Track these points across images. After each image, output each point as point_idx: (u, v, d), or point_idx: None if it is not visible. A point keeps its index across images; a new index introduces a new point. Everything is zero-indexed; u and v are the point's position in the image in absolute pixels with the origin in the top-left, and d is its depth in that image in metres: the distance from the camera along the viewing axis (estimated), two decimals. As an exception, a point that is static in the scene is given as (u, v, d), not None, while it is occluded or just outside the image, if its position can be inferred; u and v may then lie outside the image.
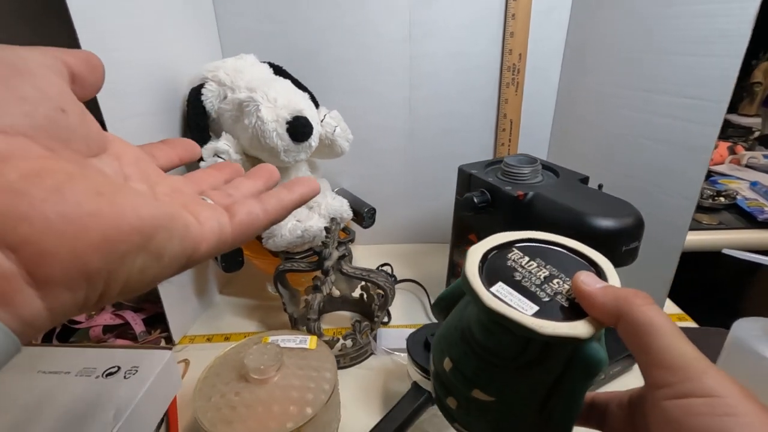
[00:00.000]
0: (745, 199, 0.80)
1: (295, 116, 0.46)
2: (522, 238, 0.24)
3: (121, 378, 0.34)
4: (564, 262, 0.22)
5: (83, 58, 0.18)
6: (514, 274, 0.21)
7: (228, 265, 0.51)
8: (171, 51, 0.51)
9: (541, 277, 0.21)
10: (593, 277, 0.20)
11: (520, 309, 0.19)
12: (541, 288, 0.21)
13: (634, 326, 0.18)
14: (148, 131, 0.47)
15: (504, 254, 0.23)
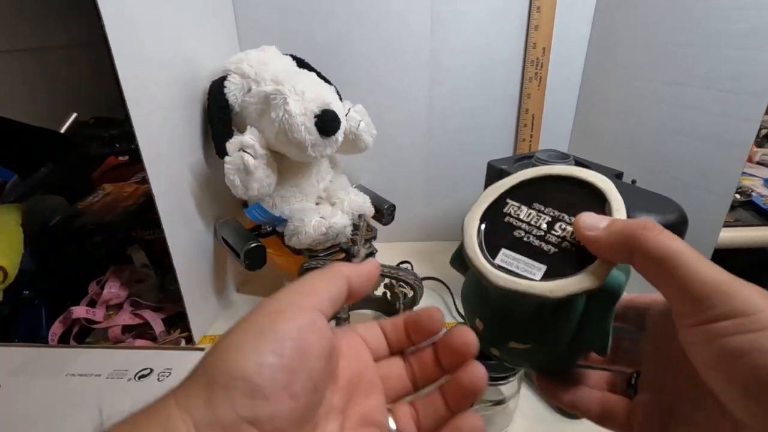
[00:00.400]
0: (760, 197, 0.80)
1: (323, 110, 0.45)
2: (513, 185, 0.22)
3: (155, 380, 0.33)
4: (563, 196, 0.21)
5: (366, 273, 0.21)
6: (514, 232, 0.21)
7: (252, 262, 0.49)
8: (191, 44, 0.49)
9: (542, 226, 0.20)
10: (594, 217, 0.19)
11: (528, 275, 0.19)
12: (545, 240, 0.20)
13: (651, 259, 0.17)
14: (172, 126, 0.45)
15: (499, 211, 0.21)
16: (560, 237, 0.20)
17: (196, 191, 0.50)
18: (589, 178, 0.21)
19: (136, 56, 0.40)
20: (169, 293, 0.54)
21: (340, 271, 0.21)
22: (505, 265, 0.20)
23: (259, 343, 0.16)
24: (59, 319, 0.49)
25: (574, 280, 0.18)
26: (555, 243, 0.20)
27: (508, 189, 0.22)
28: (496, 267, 0.20)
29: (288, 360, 0.16)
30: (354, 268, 0.21)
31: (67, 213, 0.63)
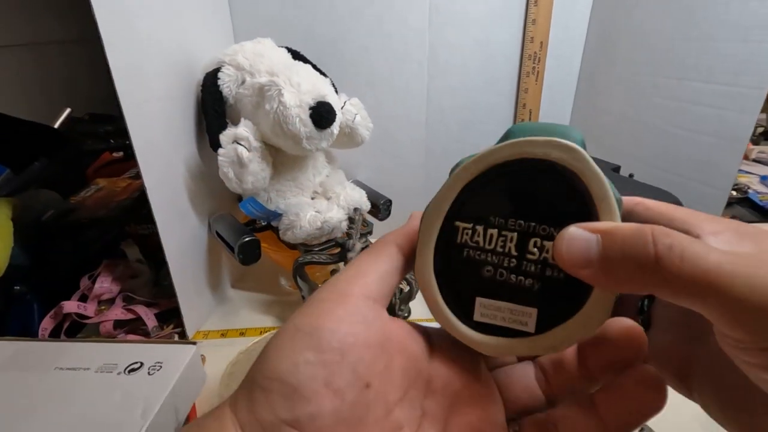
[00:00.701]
0: (757, 193, 0.80)
1: (319, 101, 0.44)
2: (453, 200, 0.16)
3: (145, 374, 0.32)
4: (523, 193, 0.15)
5: (414, 229, 0.19)
6: (482, 271, 0.16)
7: (246, 257, 0.49)
8: (186, 35, 0.49)
9: (512, 251, 0.15)
10: (578, 243, 0.14)
11: (519, 327, 0.15)
12: (522, 271, 0.15)
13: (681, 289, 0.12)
14: (165, 118, 0.45)
15: (452, 244, 0.16)
16: (539, 262, 0.15)
17: (190, 185, 0.50)
18: (550, 155, 0.15)
19: (129, 45, 0.39)
20: (163, 288, 0.54)
21: (386, 241, 0.18)
22: (487, 320, 0.16)
23: (295, 340, 0.16)
24: (50, 314, 0.49)
25: (576, 324, 0.15)
26: (536, 274, 0.15)
27: (452, 206, 0.16)
28: (478, 327, 0.16)
29: (327, 354, 0.15)
30: (401, 231, 0.19)
31: (60, 208, 0.63)
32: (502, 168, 0.16)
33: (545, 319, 0.15)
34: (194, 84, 0.50)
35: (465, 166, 0.16)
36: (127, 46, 0.39)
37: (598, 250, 0.13)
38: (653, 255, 0.12)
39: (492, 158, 0.16)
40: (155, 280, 0.55)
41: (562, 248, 0.14)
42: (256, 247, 0.50)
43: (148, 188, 0.42)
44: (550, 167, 0.15)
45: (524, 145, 0.15)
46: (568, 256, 0.14)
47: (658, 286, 0.13)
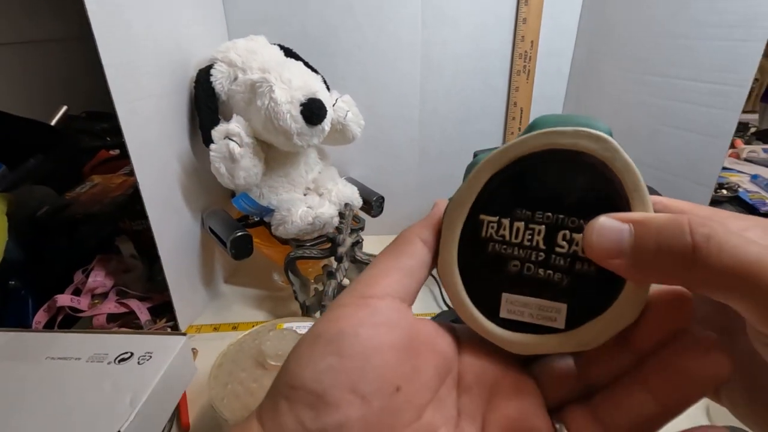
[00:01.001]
0: (747, 192, 0.81)
1: (309, 98, 0.45)
2: (478, 193, 0.16)
3: (135, 364, 0.33)
4: (552, 185, 0.15)
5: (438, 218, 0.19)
6: (509, 265, 0.15)
7: (238, 252, 0.49)
8: (179, 32, 0.49)
9: (540, 244, 0.15)
10: (609, 233, 0.13)
11: (548, 323, 0.15)
12: (550, 265, 0.15)
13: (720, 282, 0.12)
14: (159, 114, 0.45)
15: (477, 238, 0.16)
16: (569, 255, 0.15)
17: (184, 181, 0.50)
18: (579, 145, 0.14)
19: (122, 44, 0.40)
20: (157, 283, 0.54)
21: (409, 235, 0.17)
22: (514, 317, 0.15)
23: (317, 347, 0.15)
24: (44, 308, 0.49)
25: (608, 319, 0.14)
26: (565, 268, 0.15)
27: (476, 199, 0.16)
28: (505, 324, 0.16)
29: (350, 360, 0.14)
30: (425, 222, 0.18)
31: (55, 203, 0.63)
32: (528, 159, 0.15)
33: (575, 315, 0.15)
34: (188, 81, 0.50)
35: (489, 159, 0.16)
36: (120, 44, 0.39)
37: (630, 240, 0.13)
38: (690, 245, 0.12)
39: (519, 150, 0.15)
40: (149, 275, 0.56)
41: (593, 238, 0.13)
42: (248, 242, 0.50)
43: (140, 184, 0.43)
44: (579, 157, 0.14)
45: (551, 135, 0.15)
46: (599, 246, 0.13)
47: (693, 277, 0.12)
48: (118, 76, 0.39)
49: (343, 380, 0.14)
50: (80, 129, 0.86)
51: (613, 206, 0.14)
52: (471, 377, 0.17)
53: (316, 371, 0.15)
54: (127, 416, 0.28)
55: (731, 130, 0.42)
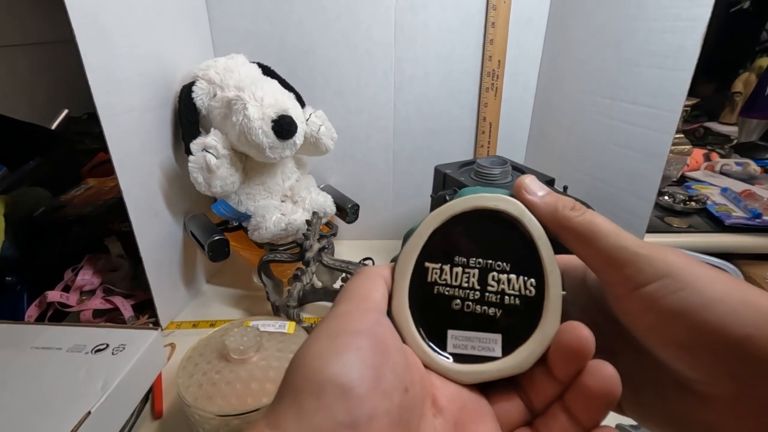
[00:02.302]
0: (714, 204, 0.84)
1: (280, 115, 0.49)
2: (423, 245, 0.19)
3: (109, 354, 0.37)
4: (479, 237, 0.19)
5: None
6: (451, 304, 0.19)
7: (215, 254, 0.53)
8: (165, 48, 0.53)
9: (475, 285, 0.19)
10: (535, 182, 0.20)
11: (488, 353, 0.18)
12: (485, 302, 0.18)
13: (577, 235, 0.18)
14: (143, 126, 0.49)
15: (424, 282, 0.19)
16: (499, 293, 0.18)
17: (166, 187, 0.54)
18: (497, 206, 0.19)
19: (107, 57, 0.43)
20: (141, 282, 0.58)
21: (374, 272, 0.20)
22: (459, 350, 0.18)
23: (337, 343, 0.15)
24: (35, 303, 0.53)
25: (534, 342, 0.18)
26: (497, 302, 0.18)
27: (422, 250, 0.19)
28: (453, 357, 0.18)
29: (370, 356, 0.15)
30: (385, 267, 0.20)
31: (50, 205, 0.67)
32: (460, 217, 0.19)
33: (509, 342, 0.18)
34: (172, 94, 0.55)
35: (430, 218, 0.20)
36: (105, 62, 0.43)
37: (542, 192, 0.20)
38: (565, 212, 0.19)
39: (453, 210, 0.19)
40: (134, 274, 0.60)
41: (525, 179, 0.20)
42: (225, 245, 0.54)
43: (123, 190, 0.47)
44: (498, 215, 0.19)
45: (478, 199, 0.19)
46: (526, 184, 0.20)
47: (563, 229, 0.19)
48: (103, 92, 0.43)
49: (368, 375, 0.15)
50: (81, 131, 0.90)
51: (525, 250, 0.19)
52: (444, 400, 0.18)
53: (343, 365, 0.15)
54: (97, 399, 0.32)
55: (665, 151, 0.45)
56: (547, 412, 0.18)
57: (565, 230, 0.18)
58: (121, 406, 0.35)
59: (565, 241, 0.19)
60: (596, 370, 0.17)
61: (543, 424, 0.18)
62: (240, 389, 0.38)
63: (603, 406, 0.17)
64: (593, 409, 0.17)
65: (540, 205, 0.19)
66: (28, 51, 0.83)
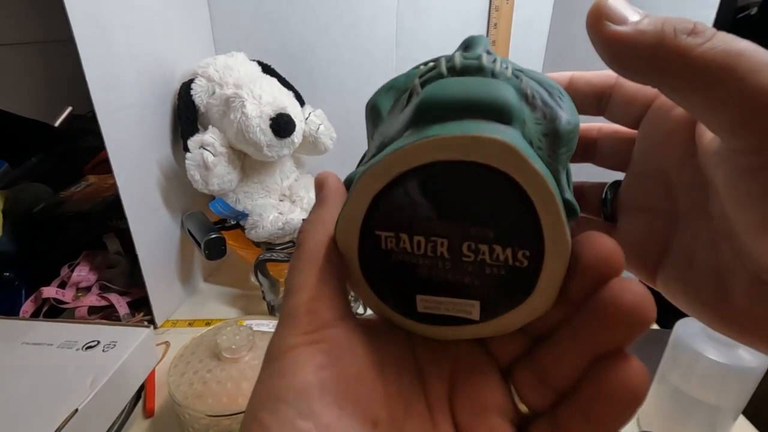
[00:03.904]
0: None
1: (278, 113, 0.49)
2: (365, 211, 0.14)
3: (100, 351, 0.36)
4: (447, 198, 0.13)
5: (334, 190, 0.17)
6: (416, 271, 0.15)
7: (211, 253, 0.53)
8: (165, 46, 0.53)
9: (444, 254, 0.14)
10: (620, 3, 0.13)
11: (464, 315, 0.15)
12: (460, 271, 0.14)
13: (701, 72, 0.11)
14: (141, 123, 0.49)
15: (377, 251, 0.15)
16: (477, 263, 0.14)
17: (163, 185, 0.54)
18: (472, 157, 0.12)
19: (105, 55, 0.44)
20: (138, 279, 0.58)
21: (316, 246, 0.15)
22: (430, 311, 0.15)
23: (280, 413, 0.13)
24: (30, 299, 0.53)
25: (522, 311, 0.14)
26: (474, 272, 0.14)
27: (366, 215, 0.14)
28: (423, 318, 0.16)
29: (323, 414, 0.13)
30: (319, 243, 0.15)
31: (50, 201, 0.67)
32: (415, 173, 0.13)
33: (489, 309, 0.15)
34: (172, 92, 0.54)
35: (371, 173, 0.14)
36: (103, 58, 0.43)
37: (636, 18, 0.13)
38: (684, 40, 0.12)
39: (402, 165, 0.13)
40: (131, 271, 0.60)
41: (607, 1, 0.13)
42: (222, 244, 0.54)
43: (120, 187, 0.47)
44: (475, 168, 0.13)
45: (438, 146, 0.12)
46: (610, 7, 0.13)
47: (672, 65, 0.12)
48: (101, 89, 0.43)
49: None
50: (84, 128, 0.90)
51: (517, 214, 0.13)
52: (429, 367, 0.16)
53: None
54: (85, 396, 0.32)
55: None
56: (549, 340, 0.15)
57: (681, 70, 0.11)
58: (110, 404, 0.34)
59: (674, 87, 0.12)
60: (621, 288, 0.12)
61: (544, 355, 0.15)
62: (231, 389, 0.38)
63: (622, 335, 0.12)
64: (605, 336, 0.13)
65: (636, 38, 0.12)
66: (33, 49, 0.83)
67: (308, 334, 0.14)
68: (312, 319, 0.14)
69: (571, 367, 0.14)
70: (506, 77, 0.14)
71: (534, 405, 0.15)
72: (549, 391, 0.14)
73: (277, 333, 0.14)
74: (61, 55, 0.88)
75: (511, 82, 0.14)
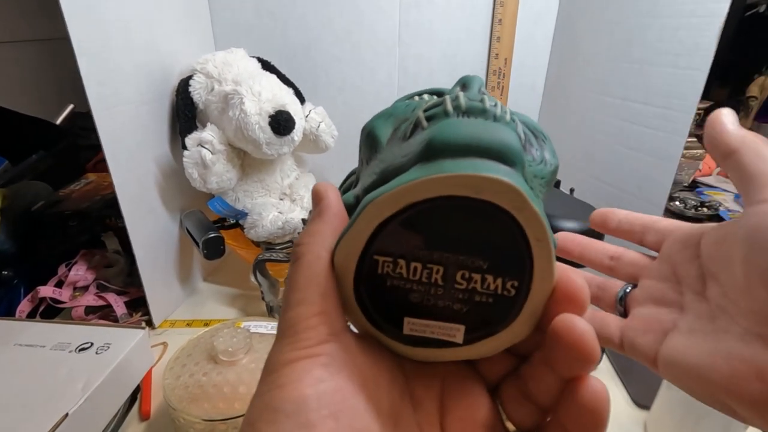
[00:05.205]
0: (728, 211, 0.81)
1: (278, 110, 0.48)
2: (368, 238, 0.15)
3: (93, 353, 0.36)
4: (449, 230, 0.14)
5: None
6: (409, 296, 0.16)
7: (210, 252, 0.52)
8: (164, 43, 0.52)
9: (438, 281, 0.15)
10: (730, 114, 0.18)
11: (448, 339, 0.16)
12: (450, 297, 0.15)
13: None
14: (138, 120, 0.48)
15: (374, 273, 0.15)
16: (468, 291, 0.15)
17: (162, 183, 0.53)
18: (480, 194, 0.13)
19: (101, 50, 0.43)
20: (137, 278, 0.57)
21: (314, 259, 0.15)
22: (416, 333, 0.16)
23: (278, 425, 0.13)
24: (27, 298, 0.52)
25: (504, 337, 0.15)
26: (464, 299, 0.15)
27: (369, 240, 0.15)
28: (408, 341, 0.16)
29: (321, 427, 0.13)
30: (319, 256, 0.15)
31: (49, 199, 0.67)
32: (422, 205, 0.14)
33: (473, 333, 0.16)
34: (170, 89, 0.54)
35: (379, 203, 0.14)
36: (98, 54, 0.43)
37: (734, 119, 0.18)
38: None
39: (412, 196, 0.14)
40: (130, 270, 0.59)
41: (719, 116, 0.18)
42: (220, 243, 0.53)
43: (116, 185, 0.46)
44: (481, 204, 0.13)
45: (448, 182, 0.13)
46: (723, 121, 0.18)
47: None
48: (95, 84, 0.42)
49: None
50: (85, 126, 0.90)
51: (513, 249, 0.14)
52: (420, 385, 0.17)
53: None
54: (77, 401, 0.31)
55: (678, 154, 0.43)
56: (531, 361, 0.16)
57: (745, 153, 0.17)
58: (102, 408, 0.33)
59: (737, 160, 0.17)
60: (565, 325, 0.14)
61: (527, 374, 0.16)
62: (228, 393, 0.37)
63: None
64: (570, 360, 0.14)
65: (733, 136, 0.17)
66: (36, 46, 0.83)
67: (307, 348, 0.14)
68: (312, 335, 0.14)
69: (549, 388, 0.15)
70: (506, 121, 0.15)
71: (520, 423, 0.16)
72: (533, 409, 0.16)
73: (276, 347, 0.15)
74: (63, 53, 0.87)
75: (510, 126, 0.15)
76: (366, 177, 0.18)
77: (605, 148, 0.53)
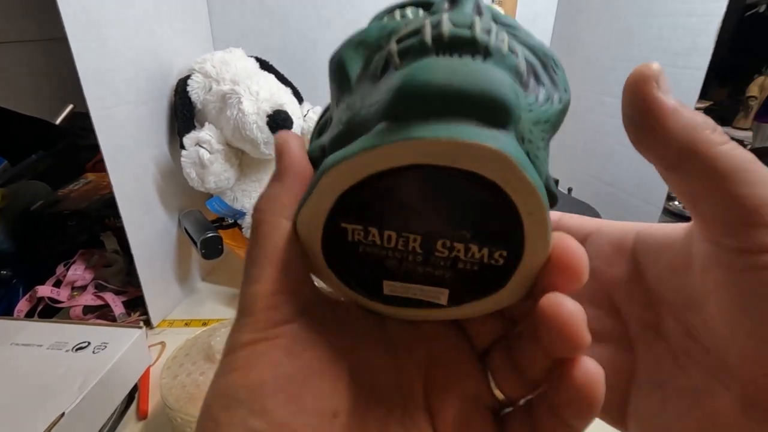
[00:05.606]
0: (728, 211, 0.81)
1: (275, 110, 0.48)
2: (332, 205, 0.13)
3: (90, 353, 0.36)
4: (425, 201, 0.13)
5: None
6: (385, 262, 0.14)
7: (208, 252, 0.52)
8: (162, 42, 0.52)
9: (417, 249, 0.13)
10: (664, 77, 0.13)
11: (432, 300, 0.14)
12: (430, 264, 0.14)
13: (712, 168, 0.12)
14: (137, 120, 0.48)
15: (344, 241, 0.14)
16: (449, 259, 0.13)
17: (160, 183, 0.53)
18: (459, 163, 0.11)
19: (99, 50, 0.43)
20: (135, 278, 0.57)
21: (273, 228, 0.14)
22: (396, 294, 0.15)
23: (233, 411, 0.13)
24: (25, 297, 0.52)
25: (492, 300, 0.14)
26: (446, 266, 0.14)
27: (333, 208, 0.13)
28: (390, 301, 0.15)
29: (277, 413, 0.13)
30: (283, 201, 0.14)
31: (48, 199, 0.67)
32: (390, 173, 0.12)
33: (458, 297, 0.14)
34: (168, 88, 0.54)
35: (335, 173, 0.12)
36: (96, 54, 0.43)
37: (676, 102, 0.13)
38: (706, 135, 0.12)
39: (374, 166, 0.12)
40: (128, 269, 0.59)
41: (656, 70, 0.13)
42: (218, 243, 0.53)
43: (114, 184, 0.46)
44: (460, 173, 0.11)
45: (421, 150, 0.11)
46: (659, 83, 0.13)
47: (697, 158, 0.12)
48: (94, 84, 0.42)
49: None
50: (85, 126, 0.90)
51: (500, 222, 0.12)
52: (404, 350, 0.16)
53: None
54: (73, 400, 0.31)
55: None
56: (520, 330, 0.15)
57: (697, 159, 0.12)
58: (99, 408, 0.33)
59: (687, 173, 0.13)
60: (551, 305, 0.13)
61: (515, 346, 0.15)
62: (224, 392, 0.37)
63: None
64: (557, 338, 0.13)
65: (678, 112, 0.12)
66: (36, 47, 0.83)
67: (266, 330, 0.13)
68: (271, 315, 0.13)
69: (539, 364, 0.14)
70: (502, 54, 0.13)
71: (509, 394, 0.15)
72: (523, 382, 0.15)
73: (234, 327, 0.14)
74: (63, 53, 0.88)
75: (508, 60, 0.13)
76: (334, 125, 0.15)
77: (604, 147, 0.53)
